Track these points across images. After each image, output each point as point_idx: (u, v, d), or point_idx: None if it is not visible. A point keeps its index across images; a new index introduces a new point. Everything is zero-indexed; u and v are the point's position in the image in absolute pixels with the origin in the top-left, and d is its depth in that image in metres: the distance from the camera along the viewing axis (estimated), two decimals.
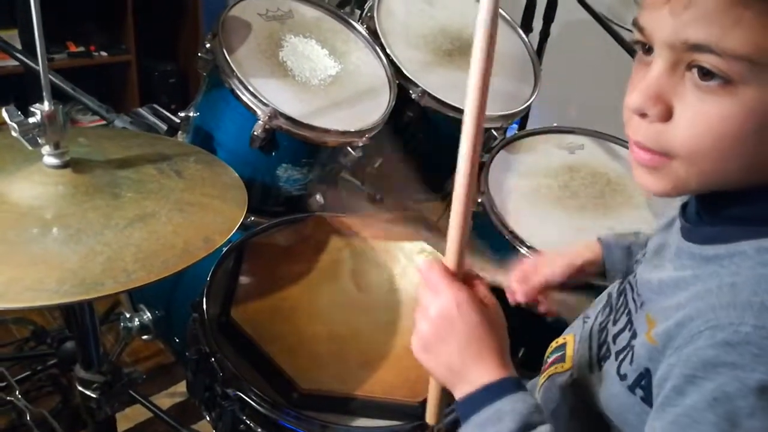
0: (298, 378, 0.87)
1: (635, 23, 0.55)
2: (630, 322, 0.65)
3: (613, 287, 0.77)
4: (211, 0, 2.67)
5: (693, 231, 0.61)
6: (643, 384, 0.59)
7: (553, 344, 0.82)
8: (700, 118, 0.51)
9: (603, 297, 0.79)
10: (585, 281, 0.91)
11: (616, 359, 0.64)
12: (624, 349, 0.63)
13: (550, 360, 0.80)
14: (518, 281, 0.89)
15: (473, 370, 0.59)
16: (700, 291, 0.55)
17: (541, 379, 0.80)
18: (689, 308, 0.54)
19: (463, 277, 0.62)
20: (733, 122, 0.50)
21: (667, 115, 0.53)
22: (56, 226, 0.75)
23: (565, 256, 0.90)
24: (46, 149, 0.79)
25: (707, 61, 0.49)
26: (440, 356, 0.60)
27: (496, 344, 0.60)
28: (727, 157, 0.52)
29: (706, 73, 0.50)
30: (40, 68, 0.75)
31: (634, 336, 0.62)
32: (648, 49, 0.54)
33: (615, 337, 0.67)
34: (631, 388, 0.60)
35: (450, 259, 0.61)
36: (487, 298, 0.62)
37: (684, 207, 0.65)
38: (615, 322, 0.69)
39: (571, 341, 0.78)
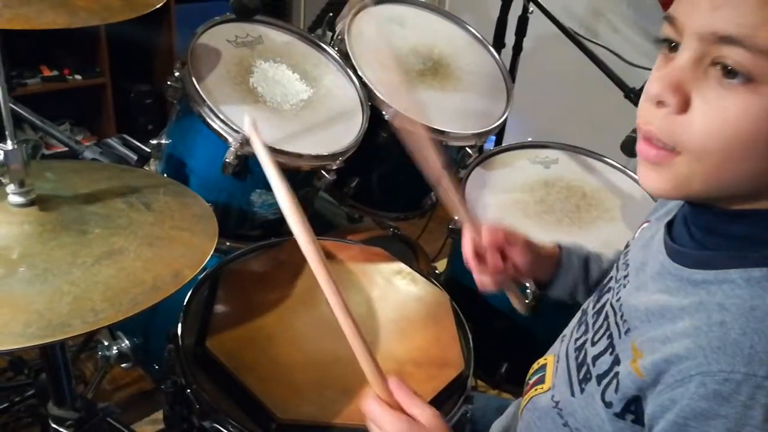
0: (276, 408, 0.86)
1: (666, 15, 0.55)
2: (612, 345, 0.65)
3: (587, 304, 0.77)
4: (184, 20, 2.66)
5: (681, 253, 0.61)
6: (632, 409, 0.59)
7: (535, 366, 0.82)
8: (717, 113, 0.51)
9: (577, 315, 0.79)
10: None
11: (599, 384, 0.64)
12: (606, 374, 0.63)
13: (531, 382, 0.80)
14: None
15: None
16: (688, 328, 0.55)
17: (523, 401, 0.80)
18: (677, 345, 0.54)
19: (391, 395, 0.68)
20: (750, 121, 0.50)
21: (684, 107, 0.53)
22: (22, 266, 0.74)
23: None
24: (10, 188, 0.78)
25: (733, 56, 0.49)
26: None
27: None
28: (735, 158, 0.52)
29: (729, 71, 0.50)
30: (2, 107, 0.74)
31: (617, 362, 0.62)
32: (673, 47, 0.55)
33: (594, 359, 0.66)
34: (620, 415, 0.60)
35: (375, 386, 0.69)
36: (415, 404, 0.67)
37: (669, 226, 0.65)
38: (594, 343, 0.68)
39: (551, 361, 0.78)
